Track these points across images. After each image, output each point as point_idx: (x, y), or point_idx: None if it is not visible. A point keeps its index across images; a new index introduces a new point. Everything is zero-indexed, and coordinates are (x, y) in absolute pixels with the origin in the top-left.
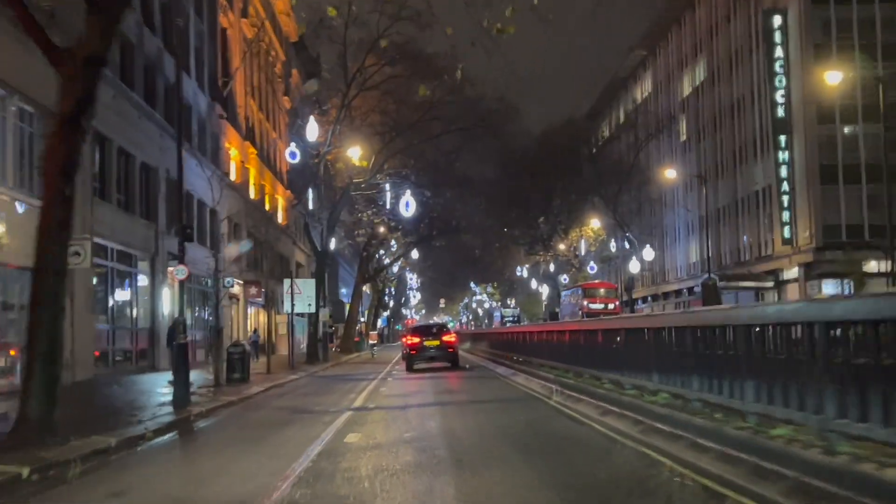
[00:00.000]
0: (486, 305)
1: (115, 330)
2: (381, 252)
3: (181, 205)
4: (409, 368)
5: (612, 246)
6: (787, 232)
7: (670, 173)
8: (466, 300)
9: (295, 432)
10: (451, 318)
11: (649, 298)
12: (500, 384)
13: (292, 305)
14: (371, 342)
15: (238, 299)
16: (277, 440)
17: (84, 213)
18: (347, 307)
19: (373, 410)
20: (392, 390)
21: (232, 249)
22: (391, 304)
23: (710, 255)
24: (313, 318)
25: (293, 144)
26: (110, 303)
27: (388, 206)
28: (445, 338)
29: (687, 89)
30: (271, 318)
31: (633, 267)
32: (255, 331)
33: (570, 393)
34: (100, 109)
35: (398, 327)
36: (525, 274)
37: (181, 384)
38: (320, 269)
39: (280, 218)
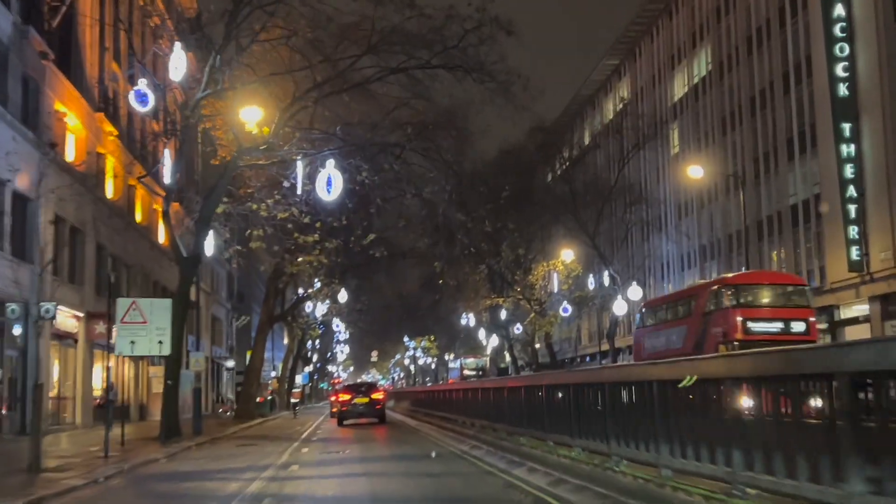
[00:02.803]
0: (422, 361)
1: None
2: (302, 291)
3: None
4: (340, 423)
5: (590, 283)
6: (854, 254)
7: (695, 171)
8: (399, 356)
9: None
10: (381, 377)
11: (627, 350)
12: None
13: (104, 342)
14: (293, 400)
15: (75, 340)
16: None
17: None
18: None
19: None
20: None
21: None
22: (315, 358)
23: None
24: (170, 368)
25: (143, 82)
26: None
27: (299, 191)
28: (374, 395)
29: (680, 90)
30: (141, 369)
31: (619, 308)
32: (112, 387)
33: None
34: None
35: (323, 385)
36: (472, 322)
37: None
38: (185, 285)
39: (162, 237)
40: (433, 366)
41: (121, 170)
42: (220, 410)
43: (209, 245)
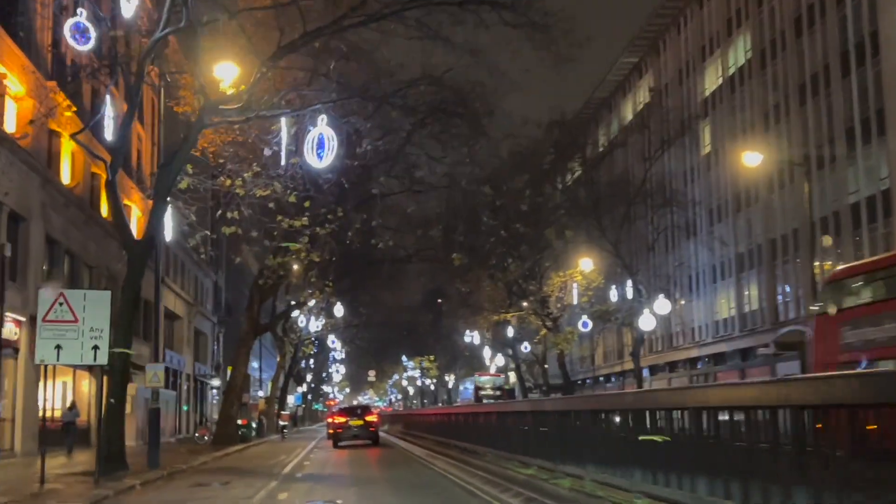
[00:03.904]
0: (420, 382)
1: None
2: (293, 301)
3: None
4: (336, 445)
5: (613, 295)
6: None
7: (752, 159)
8: (396, 376)
9: None
10: (378, 399)
11: (646, 371)
12: None
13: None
14: (281, 423)
15: (16, 349)
16: None
17: None
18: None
19: None
20: None
21: None
22: (309, 377)
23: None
24: (115, 382)
25: (81, 13)
26: None
27: (283, 161)
28: (368, 418)
29: (712, 84)
30: (105, 385)
31: (646, 323)
32: (73, 406)
33: None
34: None
35: (317, 406)
36: (476, 340)
37: None
38: (134, 276)
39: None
40: (432, 387)
41: (81, 154)
42: (197, 434)
43: (168, 229)
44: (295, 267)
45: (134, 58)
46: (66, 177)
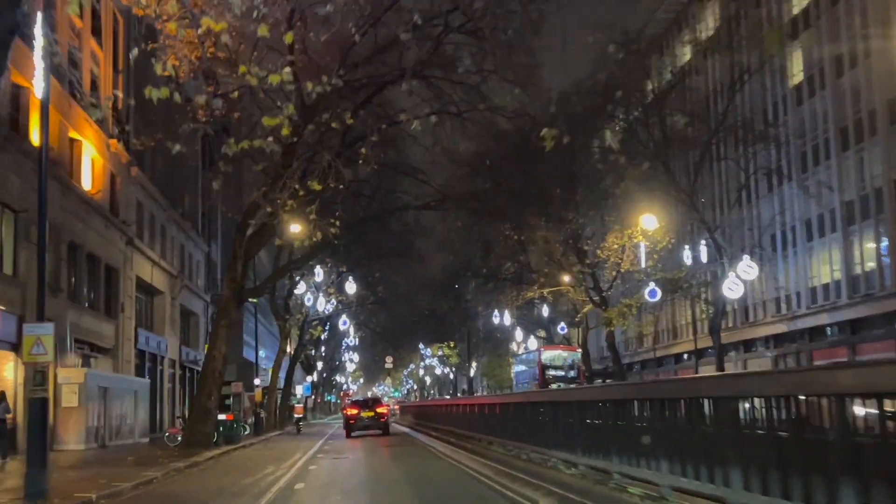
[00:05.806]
0: (439, 371)
1: None
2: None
3: None
4: (349, 434)
5: (686, 258)
6: None
7: None
8: (413, 366)
9: None
10: (394, 390)
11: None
12: None
13: None
14: (297, 416)
15: None
16: None
17: None
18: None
19: None
20: None
21: None
22: (319, 366)
23: None
24: None
25: None
26: None
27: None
28: (379, 409)
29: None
30: (47, 374)
31: (732, 291)
32: (3, 398)
33: None
34: None
35: (330, 398)
36: (507, 321)
37: None
38: None
39: (88, 183)
40: (451, 376)
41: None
42: (168, 434)
43: (38, 74)
44: (294, 213)
45: None
46: None
